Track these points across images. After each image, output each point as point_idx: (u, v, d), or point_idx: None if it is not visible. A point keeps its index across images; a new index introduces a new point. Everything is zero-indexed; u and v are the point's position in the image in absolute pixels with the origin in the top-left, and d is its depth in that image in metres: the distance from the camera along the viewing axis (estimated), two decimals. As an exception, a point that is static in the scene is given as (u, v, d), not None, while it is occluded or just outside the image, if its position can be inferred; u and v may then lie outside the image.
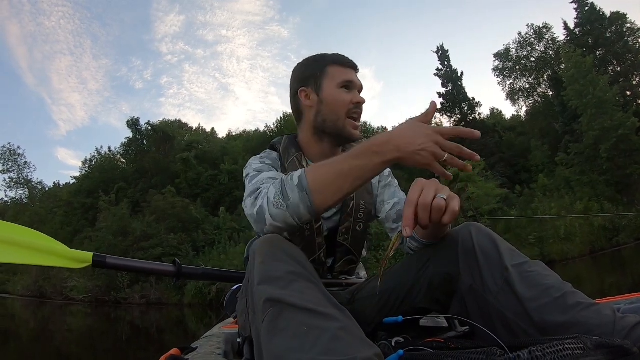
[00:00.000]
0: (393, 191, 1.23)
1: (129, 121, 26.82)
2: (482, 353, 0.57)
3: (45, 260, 1.03)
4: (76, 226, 24.00)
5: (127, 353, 7.32)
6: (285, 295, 0.65)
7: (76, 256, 1.07)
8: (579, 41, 22.18)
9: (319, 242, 1.11)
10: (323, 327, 0.59)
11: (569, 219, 14.81)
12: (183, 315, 13.84)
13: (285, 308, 0.63)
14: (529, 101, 26.88)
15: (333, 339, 0.57)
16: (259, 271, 0.72)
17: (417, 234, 0.98)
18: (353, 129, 1.14)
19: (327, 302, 0.67)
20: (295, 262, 0.74)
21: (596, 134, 17.15)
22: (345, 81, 1.12)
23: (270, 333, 0.62)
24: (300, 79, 1.17)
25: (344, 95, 1.12)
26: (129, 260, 1.17)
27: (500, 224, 15.18)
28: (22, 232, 1.04)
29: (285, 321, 0.62)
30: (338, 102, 1.12)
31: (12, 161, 29.51)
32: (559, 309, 0.71)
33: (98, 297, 18.45)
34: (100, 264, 1.10)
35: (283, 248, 0.77)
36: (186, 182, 22.89)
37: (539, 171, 19.57)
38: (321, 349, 0.56)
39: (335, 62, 1.14)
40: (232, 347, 1.12)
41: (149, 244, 18.15)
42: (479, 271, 0.82)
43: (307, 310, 0.63)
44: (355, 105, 1.12)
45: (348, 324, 0.63)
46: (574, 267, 13.28)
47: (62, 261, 1.05)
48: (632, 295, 1.13)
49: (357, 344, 0.58)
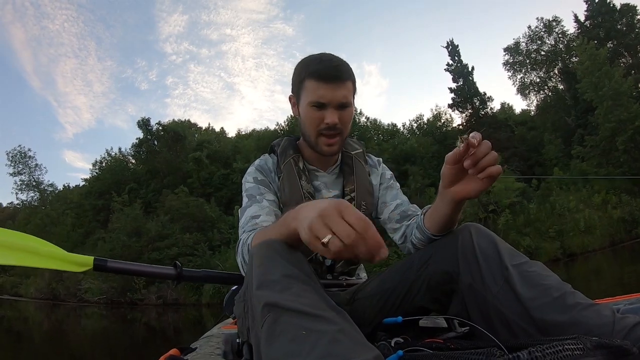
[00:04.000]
0: (395, 193, 1.23)
1: (140, 122, 26.95)
2: (481, 354, 0.57)
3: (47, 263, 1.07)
4: (87, 228, 24.07)
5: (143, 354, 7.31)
6: (283, 300, 0.64)
7: (77, 260, 1.10)
8: (590, 34, 22.10)
9: None
10: (321, 330, 0.58)
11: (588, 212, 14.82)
12: (201, 315, 13.80)
13: (283, 312, 0.62)
14: (539, 95, 26.86)
15: (331, 342, 0.56)
16: (256, 275, 0.71)
17: (426, 226, 0.99)
18: (326, 145, 1.10)
19: (325, 304, 0.65)
20: (293, 265, 0.72)
21: (612, 126, 17.10)
22: (316, 101, 1.05)
23: (268, 338, 0.61)
24: (292, 84, 1.15)
25: (314, 114, 1.06)
26: (130, 263, 1.19)
27: (519, 218, 15.14)
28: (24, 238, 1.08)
29: (283, 325, 0.61)
30: (307, 121, 1.09)
31: (23, 163, 29.38)
32: (558, 309, 0.71)
33: (113, 298, 18.45)
34: (101, 268, 1.12)
35: (280, 251, 0.75)
36: (199, 182, 22.93)
37: (553, 165, 19.53)
38: (320, 353, 0.55)
39: (312, 76, 1.05)
40: (231, 348, 1.13)
41: (164, 244, 18.16)
42: (478, 271, 0.81)
43: (304, 313, 0.61)
44: (327, 125, 1.06)
45: (346, 326, 0.61)
46: (595, 259, 13.23)
47: (63, 264, 1.08)
48: (631, 295, 1.12)
49: (356, 346, 0.57)
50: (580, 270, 12.25)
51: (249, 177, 1.16)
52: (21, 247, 1.04)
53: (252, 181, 1.14)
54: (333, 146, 1.10)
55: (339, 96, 1.04)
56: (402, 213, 1.17)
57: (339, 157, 1.23)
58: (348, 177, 1.19)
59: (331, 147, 1.10)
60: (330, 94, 1.04)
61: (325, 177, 1.20)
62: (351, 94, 1.09)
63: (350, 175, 1.19)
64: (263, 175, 1.16)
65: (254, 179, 1.15)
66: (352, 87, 1.10)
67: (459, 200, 0.89)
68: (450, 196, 0.89)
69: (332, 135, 1.08)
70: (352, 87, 1.09)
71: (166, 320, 13.88)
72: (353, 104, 1.11)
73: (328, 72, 1.04)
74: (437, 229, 0.97)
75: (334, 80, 1.04)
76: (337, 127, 1.07)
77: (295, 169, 1.15)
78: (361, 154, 1.26)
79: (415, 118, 28.81)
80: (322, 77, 1.04)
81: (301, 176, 1.15)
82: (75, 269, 1.10)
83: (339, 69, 1.05)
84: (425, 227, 0.99)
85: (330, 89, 1.04)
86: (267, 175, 1.16)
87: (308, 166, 1.19)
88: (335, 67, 1.05)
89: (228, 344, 1.13)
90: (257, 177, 1.15)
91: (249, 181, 1.15)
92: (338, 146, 1.11)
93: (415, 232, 1.04)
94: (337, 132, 1.08)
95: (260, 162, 1.20)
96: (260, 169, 1.18)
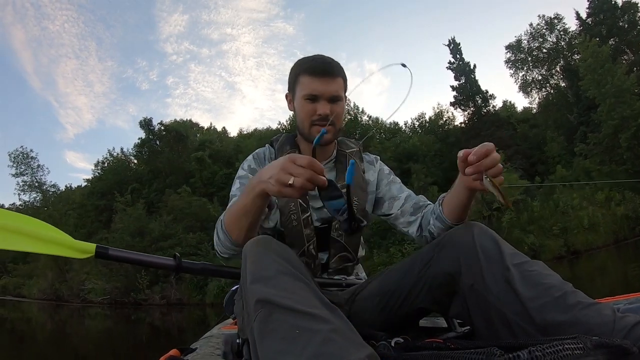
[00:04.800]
0: (399, 186, 1.26)
1: (142, 122, 26.95)
2: (481, 353, 0.57)
3: (48, 249, 1.06)
4: (90, 228, 24.06)
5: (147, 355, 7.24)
6: (276, 296, 0.64)
7: (79, 246, 1.10)
8: (591, 31, 22.07)
9: (307, 233, 1.14)
10: (314, 329, 0.58)
11: (591, 209, 14.82)
12: (205, 315, 13.78)
13: (275, 309, 0.63)
14: (541, 93, 26.80)
15: (324, 342, 0.56)
16: (250, 271, 0.72)
17: (445, 215, 1.04)
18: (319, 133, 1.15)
19: (318, 302, 0.66)
20: (286, 261, 0.73)
21: (615, 123, 17.07)
22: (309, 94, 1.13)
23: (260, 334, 0.62)
24: (288, 83, 1.23)
25: (308, 106, 1.14)
26: (131, 252, 1.20)
27: (523, 216, 15.15)
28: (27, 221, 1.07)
29: (275, 323, 0.61)
30: (301, 114, 1.16)
31: (25, 164, 29.34)
32: (559, 308, 0.71)
33: (117, 298, 18.46)
34: (103, 255, 1.13)
35: (273, 248, 0.77)
36: (201, 181, 22.93)
37: (556, 163, 19.51)
38: (312, 352, 0.55)
39: (306, 72, 1.15)
40: (231, 348, 1.13)
41: (168, 244, 18.18)
42: (480, 271, 0.81)
43: (297, 311, 0.62)
44: (319, 116, 1.13)
45: (340, 325, 0.62)
46: (599, 256, 13.23)
47: (65, 250, 1.08)
48: (631, 295, 1.12)
49: (349, 346, 0.57)
50: (585, 268, 12.25)
51: (245, 164, 1.25)
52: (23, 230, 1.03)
53: (246, 168, 1.23)
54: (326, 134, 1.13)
55: (330, 89, 1.13)
56: (415, 205, 1.19)
57: (333, 152, 1.26)
58: (340, 174, 1.22)
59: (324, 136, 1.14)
60: (323, 88, 1.12)
61: None
62: (342, 89, 1.17)
63: (343, 172, 1.21)
64: (257, 164, 1.24)
65: (248, 167, 1.23)
66: (344, 83, 1.18)
67: (471, 188, 0.93)
68: (463, 184, 0.94)
69: (324, 125, 1.12)
70: (343, 83, 1.17)
71: (170, 321, 13.88)
72: (344, 99, 1.18)
73: (320, 67, 1.13)
74: (454, 217, 1.02)
75: (326, 75, 1.13)
76: (329, 118, 1.13)
77: None
78: (357, 152, 1.29)
79: (417, 116, 28.78)
80: (315, 72, 1.13)
81: None
82: (78, 256, 1.10)
83: (330, 65, 1.15)
84: (444, 215, 1.04)
85: (322, 83, 1.12)
86: (261, 164, 1.23)
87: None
88: (327, 63, 1.15)
89: (228, 344, 1.14)
90: (251, 164, 1.23)
91: (243, 168, 1.23)
92: (331, 135, 1.16)
93: (435, 222, 1.08)
94: (330, 124, 1.13)
95: (259, 151, 1.28)
96: (256, 156, 1.26)
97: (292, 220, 1.14)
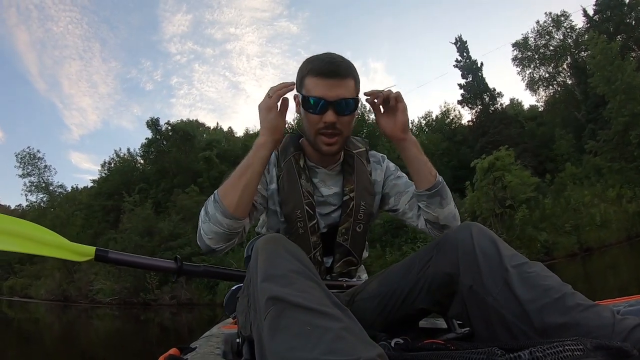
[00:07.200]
0: (406, 181, 1.22)
1: (149, 122, 26.86)
2: (482, 354, 0.57)
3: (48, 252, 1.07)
4: (97, 228, 24.06)
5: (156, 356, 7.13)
6: (288, 294, 0.65)
7: (78, 249, 1.09)
8: (599, 28, 22.03)
9: (313, 240, 1.12)
10: (326, 326, 0.59)
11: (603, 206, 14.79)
12: (215, 315, 13.70)
13: (287, 307, 0.63)
14: (548, 90, 26.78)
15: (336, 339, 0.56)
16: (261, 269, 0.72)
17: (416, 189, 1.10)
18: (326, 145, 1.08)
19: (329, 301, 0.66)
20: (298, 260, 0.73)
21: (626, 120, 17.03)
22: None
23: (271, 331, 0.61)
24: (295, 84, 1.12)
25: (312, 114, 1.06)
26: (131, 255, 1.18)
27: (536, 213, 15.10)
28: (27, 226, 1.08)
29: (288, 320, 0.61)
30: (306, 120, 1.08)
31: (32, 165, 29.31)
32: (558, 310, 0.70)
33: (126, 299, 18.40)
34: (103, 258, 1.11)
35: (285, 246, 0.77)
36: (209, 181, 22.85)
37: (565, 160, 19.47)
38: (324, 349, 0.55)
39: (312, 73, 1.05)
40: (231, 347, 1.12)
41: (177, 244, 18.13)
42: (479, 272, 0.81)
43: (309, 309, 0.62)
44: (325, 124, 1.04)
45: (350, 324, 0.62)
46: (612, 253, 13.19)
47: (64, 253, 1.08)
48: (631, 297, 1.11)
49: (360, 344, 0.57)
50: (598, 265, 12.22)
51: None
52: (23, 234, 1.04)
53: None
54: (332, 146, 1.08)
55: (338, 93, 1.02)
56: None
57: (341, 155, 1.21)
58: (348, 177, 1.18)
59: (330, 147, 1.08)
60: (331, 91, 1.02)
61: (326, 174, 1.20)
62: (352, 91, 1.05)
63: (351, 175, 1.18)
64: None
65: None
66: (355, 85, 1.07)
67: (391, 137, 1.08)
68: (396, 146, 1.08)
69: (331, 134, 1.06)
70: (354, 85, 1.06)
71: (180, 321, 13.85)
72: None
73: (327, 69, 1.03)
74: (418, 184, 1.09)
75: (333, 76, 1.02)
76: (335, 126, 1.04)
77: (295, 168, 1.15)
78: (364, 152, 1.24)
79: (424, 115, 28.78)
80: (320, 73, 1.03)
81: (301, 175, 1.15)
82: (77, 258, 1.09)
83: (338, 66, 1.04)
84: (416, 191, 1.10)
85: (329, 86, 1.02)
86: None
87: (309, 163, 1.19)
88: (335, 63, 1.04)
89: (228, 343, 1.13)
90: None
91: None
92: (338, 146, 1.09)
93: (420, 204, 1.12)
94: (337, 132, 1.06)
95: None
96: None
97: (298, 228, 1.11)
